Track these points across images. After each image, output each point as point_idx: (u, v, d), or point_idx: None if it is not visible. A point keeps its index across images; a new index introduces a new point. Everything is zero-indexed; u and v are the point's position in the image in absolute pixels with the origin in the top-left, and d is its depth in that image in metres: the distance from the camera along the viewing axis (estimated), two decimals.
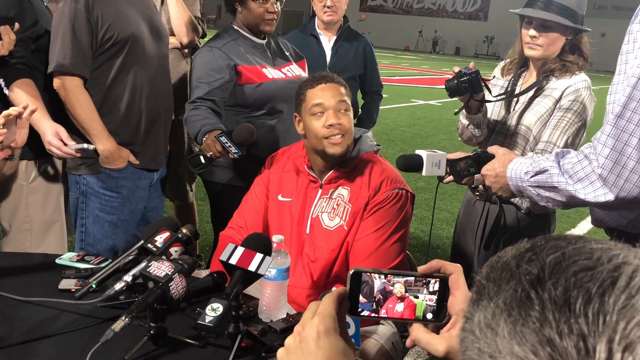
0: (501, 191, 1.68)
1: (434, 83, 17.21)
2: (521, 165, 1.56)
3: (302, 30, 3.26)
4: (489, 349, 0.45)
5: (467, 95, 2.03)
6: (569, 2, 2.03)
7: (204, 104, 2.26)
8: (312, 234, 1.88)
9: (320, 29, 3.19)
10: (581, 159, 1.39)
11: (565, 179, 1.41)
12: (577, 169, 1.39)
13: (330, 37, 3.19)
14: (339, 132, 1.83)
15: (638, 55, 1.28)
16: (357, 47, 3.21)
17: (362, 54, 3.23)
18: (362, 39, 3.28)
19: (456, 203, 5.38)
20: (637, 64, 1.27)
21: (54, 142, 2.01)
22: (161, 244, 1.53)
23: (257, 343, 1.43)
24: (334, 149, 1.84)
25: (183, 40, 2.87)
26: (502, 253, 0.52)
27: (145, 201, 2.39)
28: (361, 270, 0.80)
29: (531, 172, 1.51)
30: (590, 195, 1.36)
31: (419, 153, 1.83)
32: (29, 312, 1.49)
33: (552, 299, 0.43)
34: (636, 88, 1.27)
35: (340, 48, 3.17)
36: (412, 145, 8.08)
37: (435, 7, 42.12)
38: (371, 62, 3.30)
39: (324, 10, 3.09)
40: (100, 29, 2.09)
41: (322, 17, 3.12)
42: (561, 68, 2.10)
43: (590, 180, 1.36)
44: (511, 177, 1.58)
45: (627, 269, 0.43)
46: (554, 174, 1.44)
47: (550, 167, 1.46)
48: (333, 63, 3.14)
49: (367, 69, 3.26)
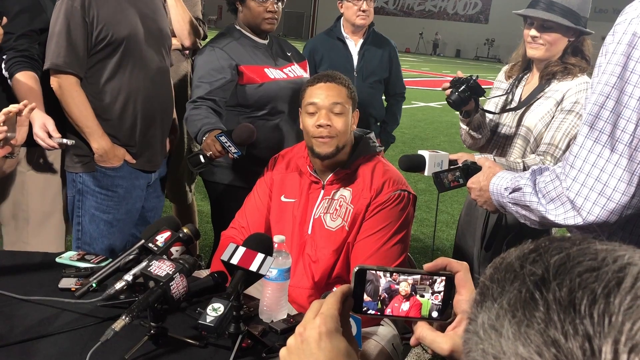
0: (485, 205, 1.64)
1: (435, 85, 17.21)
2: (503, 180, 1.51)
3: (328, 34, 3.27)
4: (493, 350, 0.45)
5: (472, 102, 2.03)
6: (571, 3, 2.03)
7: (204, 104, 2.26)
8: (313, 235, 1.88)
9: (347, 32, 3.20)
10: (553, 178, 1.33)
11: (538, 198, 1.36)
12: (549, 188, 1.33)
13: (356, 41, 3.21)
14: (327, 133, 1.83)
15: (607, 70, 1.22)
16: (383, 50, 3.25)
17: (387, 58, 3.26)
18: (388, 42, 3.32)
19: (456, 205, 5.38)
20: (605, 81, 1.22)
21: (39, 133, 2.00)
22: (162, 243, 1.53)
23: (258, 343, 1.42)
24: (321, 148, 1.85)
25: (184, 42, 2.87)
26: (505, 254, 0.52)
27: (142, 201, 2.38)
28: (366, 268, 0.78)
29: (510, 189, 1.47)
30: (560, 217, 1.31)
31: (422, 153, 1.83)
32: (28, 310, 1.49)
33: (557, 299, 0.43)
34: (604, 107, 1.22)
35: (367, 52, 3.19)
36: (412, 147, 8.08)
37: (436, 9, 42.14)
38: (396, 65, 3.35)
39: (357, 14, 3.09)
40: (95, 28, 2.09)
41: (355, 21, 3.12)
42: (563, 70, 2.10)
43: (562, 202, 1.30)
44: (493, 191, 1.54)
45: (633, 270, 0.43)
46: (527, 192, 1.40)
47: (524, 185, 1.41)
48: (360, 67, 3.16)
49: (392, 72, 3.31)
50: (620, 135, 1.20)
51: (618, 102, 1.20)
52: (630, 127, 1.19)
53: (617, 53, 1.20)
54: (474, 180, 1.68)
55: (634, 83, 1.18)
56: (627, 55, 1.18)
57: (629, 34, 1.18)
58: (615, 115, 1.20)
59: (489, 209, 1.66)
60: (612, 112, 1.21)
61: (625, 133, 1.19)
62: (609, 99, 1.21)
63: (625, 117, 1.19)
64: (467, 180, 1.73)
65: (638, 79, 1.17)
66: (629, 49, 1.18)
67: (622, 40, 1.19)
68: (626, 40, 1.18)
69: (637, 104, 1.18)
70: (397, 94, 3.44)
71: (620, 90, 1.20)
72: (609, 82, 1.21)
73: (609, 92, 1.21)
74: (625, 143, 1.20)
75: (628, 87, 1.18)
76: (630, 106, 1.18)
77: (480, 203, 1.67)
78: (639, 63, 1.17)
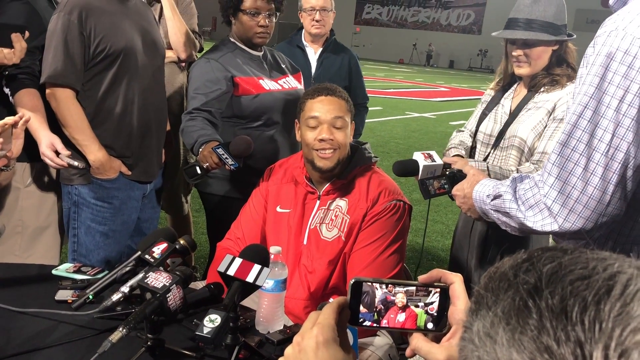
0: (470, 212, 1.67)
1: (428, 96, 17.30)
2: (485, 187, 1.54)
3: (289, 42, 3.32)
4: (489, 357, 0.46)
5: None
6: (546, 16, 2.05)
7: (200, 115, 2.27)
8: (309, 245, 1.89)
9: (306, 41, 3.25)
10: (532, 185, 1.36)
11: (517, 205, 1.39)
12: (528, 195, 1.36)
13: (316, 50, 3.24)
14: (330, 146, 1.85)
15: (587, 80, 1.25)
16: (342, 59, 3.26)
17: (347, 66, 3.27)
18: (347, 51, 3.33)
19: (451, 215, 5.39)
20: (584, 91, 1.25)
21: (47, 153, 2.01)
22: (159, 255, 1.53)
23: (255, 355, 1.43)
24: (322, 163, 1.86)
25: (181, 55, 2.89)
26: (499, 264, 0.53)
27: (138, 212, 2.39)
28: (362, 280, 0.79)
29: (491, 196, 1.49)
30: (538, 224, 1.34)
31: (416, 159, 1.85)
32: (25, 323, 1.49)
33: (549, 307, 0.44)
34: (582, 116, 1.25)
35: (325, 60, 3.22)
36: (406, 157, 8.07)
37: (430, 20, 42.39)
38: (356, 74, 3.34)
39: (312, 24, 3.15)
40: (93, 41, 2.09)
41: (310, 30, 3.18)
42: (549, 82, 2.13)
43: (540, 209, 1.34)
44: (476, 199, 1.57)
45: (622, 278, 0.44)
46: (507, 199, 1.42)
47: (505, 192, 1.44)
48: (318, 74, 3.18)
49: (352, 81, 3.29)
50: (597, 145, 1.24)
51: (596, 112, 1.23)
52: (607, 136, 1.22)
53: (596, 64, 1.23)
54: (458, 187, 1.71)
55: (611, 94, 1.21)
56: (605, 66, 1.22)
57: (607, 45, 1.22)
58: (593, 124, 1.24)
59: (473, 216, 1.68)
60: (589, 121, 1.24)
61: (602, 142, 1.23)
62: (587, 108, 1.24)
63: (602, 126, 1.23)
64: (452, 188, 1.75)
65: (615, 90, 1.20)
66: (608, 60, 1.21)
67: (601, 51, 1.23)
68: (605, 52, 1.22)
69: (614, 114, 1.21)
70: (359, 104, 3.35)
71: (598, 101, 1.23)
72: (588, 92, 1.24)
73: (587, 102, 1.24)
74: (602, 152, 1.23)
75: (605, 98, 1.22)
76: (607, 116, 1.22)
77: (464, 210, 1.69)
78: (616, 74, 1.20)
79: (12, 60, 1.93)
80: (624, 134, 1.21)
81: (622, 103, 1.20)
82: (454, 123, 11.93)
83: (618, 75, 1.20)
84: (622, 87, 1.20)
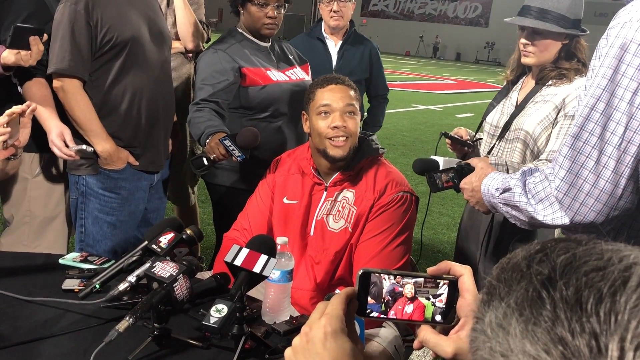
0: (478, 205, 1.66)
1: (435, 88, 17.23)
2: (494, 181, 1.53)
3: (309, 34, 3.29)
4: (501, 347, 0.45)
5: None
6: (560, 8, 2.03)
7: (207, 106, 2.27)
8: (316, 236, 1.89)
9: (326, 33, 3.22)
10: (542, 179, 1.35)
11: (527, 198, 1.38)
12: (538, 189, 1.35)
13: (336, 42, 3.22)
14: (343, 134, 1.84)
15: (599, 73, 1.23)
16: (363, 51, 3.24)
17: (368, 58, 3.25)
18: (368, 43, 3.31)
19: (457, 208, 5.38)
20: (597, 84, 1.23)
21: (56, 142, 2.02)
22: (165, 244, 1.53)
23: (261, 345, 1.43)
24: (335, 151, 1.85)
25: (188, 45, 2.88)
26: (512, 255, 0.53)
27: (145, 202, 2.39)
28: (370, 271, 0.79)
29: (500, 189, 1.48)
30: (548, 217, 1.33)
31: (435, 159, 1.87)
32: (32, 311, 1.49)
33: (564, 298, 0.43)
34: (594, 109, 1.23)
35: (346, 52, 3.19)
36: (413, 149, 8.09)
37: (437, 12, 42.21)
38: (377, 66, 3.33)
39: (330, 15, 3.12)
40: (100, 31, 2.09)
41: (329, 22, 3.15)
42: (557, 75, 2.11)
43: (550, 202, 1.32)
44: (484, 192, 1.56)
45: (638, 269, 0.44)
46: (517, 192, 1.41)
47: (514, 185, 1.43)
48: (339, 67, 3.16)
49: (372, 73, 3.29)
50: (610, 138, 1.22)
51: (608, 105, 1.21)
52: (620, 129, 1.20)
53: (610, 56, 1.21)
54: (466, 180, 1.70)
55: (624, 86, 1.19)
56: (619, 58, 1.20)
57: (621, 37, 1.20)
58: (605, 117, 1.22)
59: (481, 210, 1.67)
60: (602, 114, 1.22)
61: (615, 135, 1.21)
62: (599, 101, 1.22)
63: (615, 119, 1.21)
64: (460, 181, 1.74)
65: (629, 82, 1.18)
66: (621, 52, 1.19)
67: (614, 43, 1.21)
68: (618, 44, 1.20)
69: (627, 106, 1.19)
70: (380, 96, 3.41)
71: (611, 93, 1.21)
72: (601, 85, 1.22)
73: (600, 94, 1.22)
74: (614, 145, 1.21)
75: (619, 90, 1.20)
76: (620, 109, 1.20)
77: (473, 203, 1.68)
78: (630, 66, 1.18)
79: (29, 62, 1.93)
80: (637, 127, 1.19)
81: (636, 95, 1.18)
82: (461, 116, 11.89)
83: (632, 67, 1.18)
84: (635, 80, 1.17)
